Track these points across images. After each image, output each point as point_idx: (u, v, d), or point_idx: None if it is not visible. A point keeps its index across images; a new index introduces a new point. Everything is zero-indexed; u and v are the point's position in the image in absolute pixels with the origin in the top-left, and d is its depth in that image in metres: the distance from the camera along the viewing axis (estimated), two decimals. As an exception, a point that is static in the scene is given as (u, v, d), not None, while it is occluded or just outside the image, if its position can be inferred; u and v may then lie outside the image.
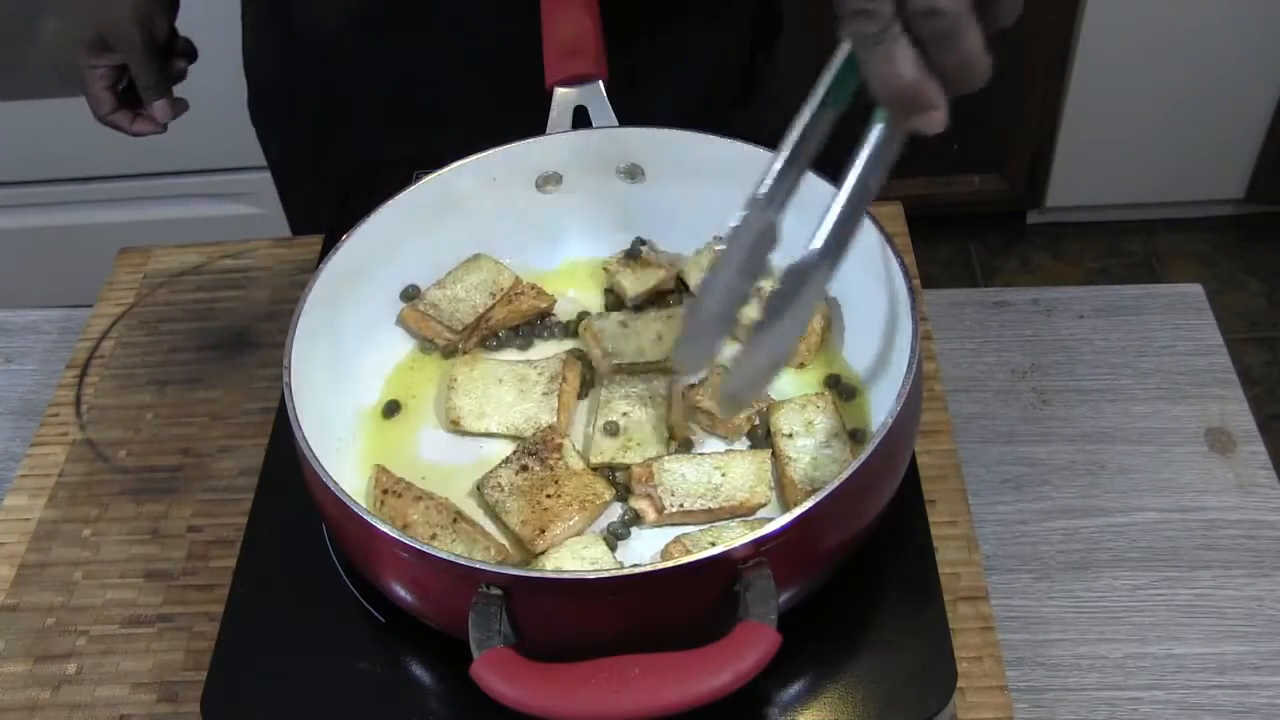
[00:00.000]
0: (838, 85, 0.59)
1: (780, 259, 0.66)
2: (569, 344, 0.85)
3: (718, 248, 0.74)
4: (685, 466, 0.73)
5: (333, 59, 1.05)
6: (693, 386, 0.78)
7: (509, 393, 0.79)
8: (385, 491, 0.74)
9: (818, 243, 0.59)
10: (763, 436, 0.77)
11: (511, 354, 0.85)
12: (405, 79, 1.03)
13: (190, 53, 0.93)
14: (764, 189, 0.63)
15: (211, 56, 1.11)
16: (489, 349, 0.85)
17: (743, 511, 0.72)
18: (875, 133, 0.57)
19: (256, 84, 1.14)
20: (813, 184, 0.64)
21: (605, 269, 0.88)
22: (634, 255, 0.87)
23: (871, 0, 0.50)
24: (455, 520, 0.72)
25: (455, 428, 0.79)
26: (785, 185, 0.63)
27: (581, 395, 0.81)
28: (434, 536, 0.71)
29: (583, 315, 0.86)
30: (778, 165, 0.63)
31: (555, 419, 0.77)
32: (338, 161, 1.08)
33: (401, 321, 0.86)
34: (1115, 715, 0.76)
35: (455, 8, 0.98)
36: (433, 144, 0.87)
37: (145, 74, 0.88)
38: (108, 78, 0.89)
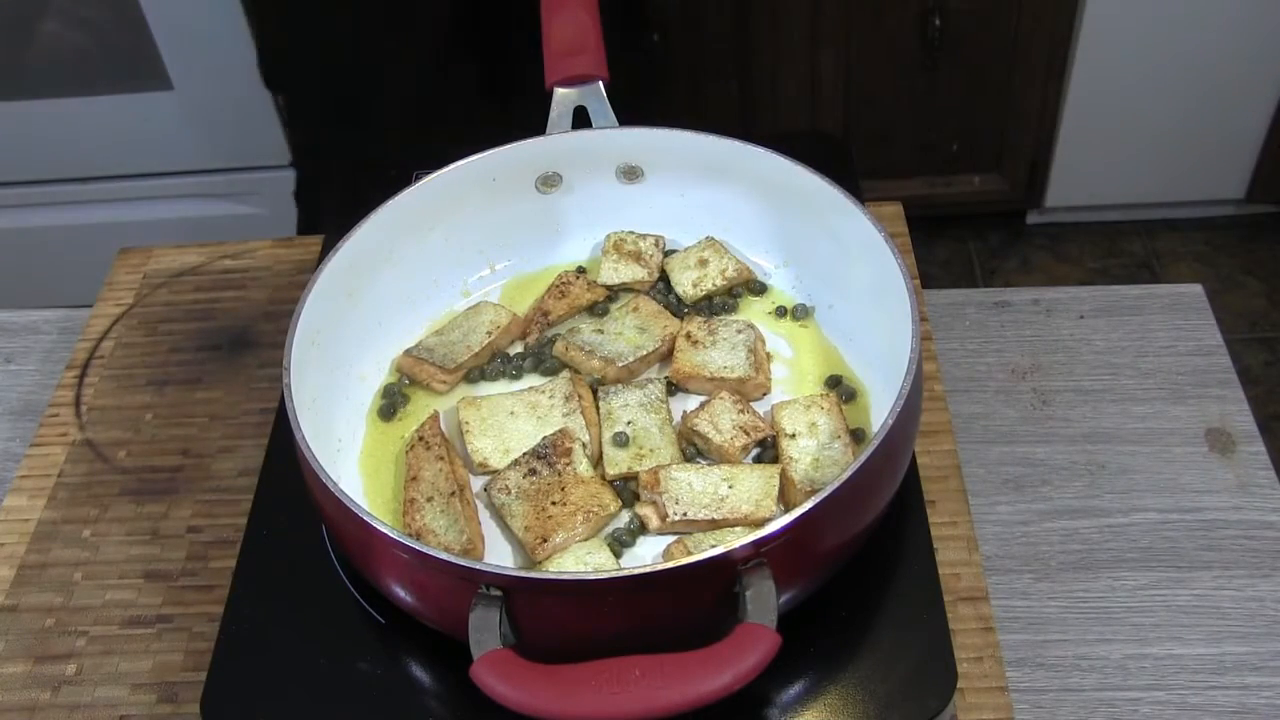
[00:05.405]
0: None
1: None
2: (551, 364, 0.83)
3: None
4: (693, 476, 0.73)
5: (338, 58, 1.05)
6: (692, 411, 0.77)
7: (525, 422, 0.78)
8: (421, 439, 0.75)
9: None
10: (770, 448, 0.76)
11: (503, 385, 0.83)
12: (405, 79, 1.03)
13: None
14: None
15: (213, 59, 1.12)
16: (470, 381, 0.83)
17: (746, 525, 0.71)
18: None
19: (289, 98, 1.14)
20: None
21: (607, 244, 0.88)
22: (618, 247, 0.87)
23: None
24: (454, 495, 0.71)
25: (484, 470, 0.76)
26: None
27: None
28: (430, 499, 0.71)
29: (546, 344, 0.84)
30: None
31: (588, 436, 0.76)
32: (343, 162, 1.09)
33: (396, 369, 0.84)
34: (1115, 716, 0.76)
35: (456, 8, 0.98)
36: (433, 144, 0.87)
37: None
38: None
